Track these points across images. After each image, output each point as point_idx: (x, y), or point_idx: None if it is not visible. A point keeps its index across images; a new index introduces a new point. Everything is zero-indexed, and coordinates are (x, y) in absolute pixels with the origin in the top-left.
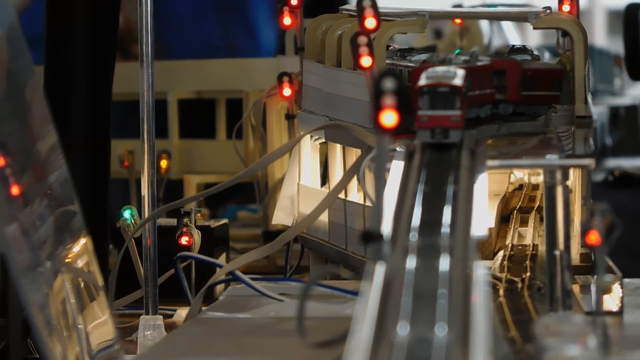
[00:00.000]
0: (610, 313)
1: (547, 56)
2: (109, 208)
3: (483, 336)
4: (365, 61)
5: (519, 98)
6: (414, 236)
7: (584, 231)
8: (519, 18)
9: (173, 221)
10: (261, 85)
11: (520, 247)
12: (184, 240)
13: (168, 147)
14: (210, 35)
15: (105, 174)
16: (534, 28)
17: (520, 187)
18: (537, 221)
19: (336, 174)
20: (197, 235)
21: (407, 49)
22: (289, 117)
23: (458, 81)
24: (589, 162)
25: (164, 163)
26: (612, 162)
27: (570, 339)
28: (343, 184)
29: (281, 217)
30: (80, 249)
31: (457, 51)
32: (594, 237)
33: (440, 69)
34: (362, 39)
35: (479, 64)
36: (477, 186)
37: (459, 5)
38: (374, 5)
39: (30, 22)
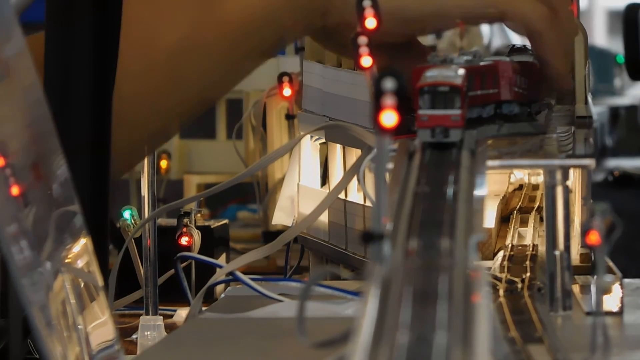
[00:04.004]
0: (610, 313)
1: None
2: (109, 208)
3: (483, 336)
4: (366, 61)
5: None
6: (413, 236)
7: (584, 231)
8: None
9: (173, 221)
10: (261, 86)
11: (520, 247)
12: (184, 240)
13: (168, 147)
14: None
15: (105, 174)
16: None
17: (521, 187)
18: (537, 221)
19: (336, 174)
20: (197, 236)
21: None
22: (289, 117)
23: (458, 80)
24: (589, 162)
25: (164, 163)
26: (612, 162)
27: None
28: (343, 184)
29: (281, 217)
30: (80, 249)
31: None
32: (594, 237)
33: (441, 68)
34: (362, 39)
35: (482, 64)
36: (477, 186)
37: None
38: (374, 5)
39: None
